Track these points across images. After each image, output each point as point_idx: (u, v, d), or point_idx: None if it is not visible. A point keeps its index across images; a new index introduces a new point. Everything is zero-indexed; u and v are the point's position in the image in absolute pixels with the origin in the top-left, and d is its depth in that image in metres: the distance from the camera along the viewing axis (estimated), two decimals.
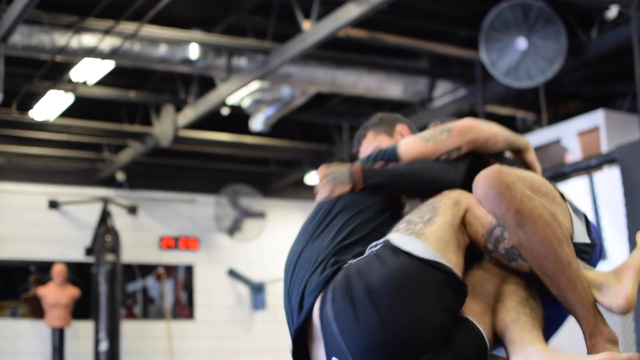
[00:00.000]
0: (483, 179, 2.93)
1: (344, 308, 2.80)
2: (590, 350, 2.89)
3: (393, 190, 3.28)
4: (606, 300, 2.95)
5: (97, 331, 13.31)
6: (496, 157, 3.43)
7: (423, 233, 2.91)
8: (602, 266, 8.62)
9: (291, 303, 3.11)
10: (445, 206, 3.02)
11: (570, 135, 10.69)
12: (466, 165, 3.32)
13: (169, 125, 12.26)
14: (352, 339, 2.78)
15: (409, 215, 3.07)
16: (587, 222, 3.28)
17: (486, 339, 2.91)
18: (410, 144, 3.32)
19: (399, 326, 2.76)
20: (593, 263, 3.22)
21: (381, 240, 2.96)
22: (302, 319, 2.96)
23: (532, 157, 3.55)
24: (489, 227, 3.00)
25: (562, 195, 3.24)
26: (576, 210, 3.22)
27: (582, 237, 3.14)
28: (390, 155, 3.31)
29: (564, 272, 2.85)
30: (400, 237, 2.92)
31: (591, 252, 3.16)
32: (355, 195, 3.25)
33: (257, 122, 12.18)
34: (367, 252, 2.97)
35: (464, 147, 3.30)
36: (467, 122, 3.34)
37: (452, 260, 2.90)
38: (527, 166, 3.51)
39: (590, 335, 2.90)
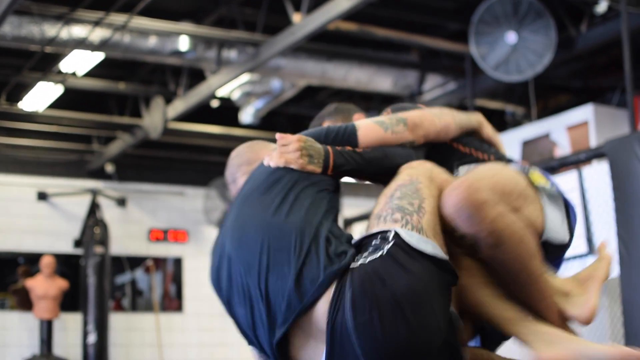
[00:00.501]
0: (453, 199, 2.83)
1: (371, 321, 2.67)
2: None
3: (360, 176, 3.24)
4: (570, 310, 3.00)
5: (85, 323, 13.30)
6: (457, 140, 3.39)
7: (422, 227, 2.82)
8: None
9: (267, 284, 2.87)
10: (426, 188, 2.92)
11: (559, 129, 10.70)
12: (425, 150, 3.31)
13: (158, 117, 12.24)
14: (372, 351, 2.68)
15: (395, 199, 2.92)
16: (566, 205, 3.24)
17: (461, 321, 2.92)
18: (369, 130, 3.19)
19: (423, 337, 2.70)
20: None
21: (388, 234, 2.83)
22: (299, 312, 2.79)
23: (489, 132, 3.48)
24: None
25: (536, 183, 3.16)
26: (552, 196, 3.15)
27: (555, 232, 3.10)
28: (349, 139, 3.18)
29: (535, 284, 2.85)
30: (407, 233, 2.81)
31: (564, 251, 3.18)
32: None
33: (246, 115, 12.17)
34: (374, 248, 2.82)
35: (417, 140, 3.23)
36: (417, 117, 3.25)
37: (445, 251, 2.86)
38: (487, 142, 3.47)
39: None
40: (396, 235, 2.79)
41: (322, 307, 2.76)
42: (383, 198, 2.96)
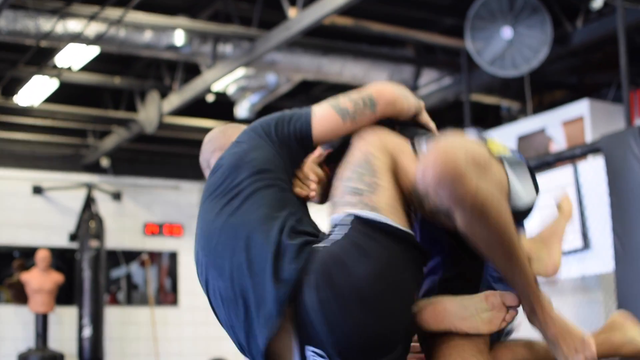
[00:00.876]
0: (432, 165, 2.58)
1: (330, 300, 2.61)
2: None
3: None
4: (536, 268, 3.01)
5: (80, 317, 13.31)
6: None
7: (376, 205, 2.71)
8: (586, 255, 8.65)
9: (242, 289, 2.77)
10: (381, 162, 2.79)
11: (555, 124, 10.71)
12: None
13: (153, 111, 12.24)
14: (336, 331, 2.62)
15: (345, 180, 2.80)
16: (530, 170, 3.14)
17: None
18: (325, 121, 3.03)
19: (389, 320, 2.66)
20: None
21: (345, 218, 2.74)
22: (278, 311, 2.68)
23: (426, 117, 3.25)
24: (414, 183, 2.74)
25: (496, 152, 3.03)
26: (513, 164, 3.03)
27: (520, 198, 2.96)
28: (302, 134, 3.01)
29: (514, 255, 2.73)
30: (363, 213, 2.71)
31: (528, 214, 3.06)
32: (261, 160, 2.94)
33: (242, 109, 12.17)
34: (333, 231, 2.75)
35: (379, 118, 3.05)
36: (390, 97, 3.06)
37: (407, 227, 2.78)
38: (423, 127, 3.25)
39: (531, 311, 2.81)
40: (353, 217, 2.72)
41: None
42: (338, 182, 2.85)
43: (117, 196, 15.14)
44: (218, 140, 3.47)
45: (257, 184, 2.87)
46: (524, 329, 3.00)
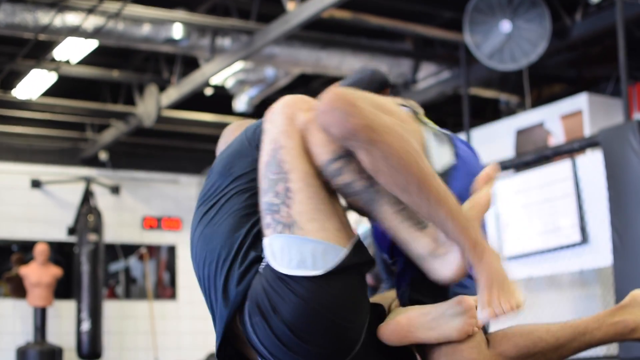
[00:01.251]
0: (324, 103, 2.54)
1: (262, 327, 2.59)
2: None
3: None
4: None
5: (79, 311, 13.30)
6: None
7: (294, 220, 2.58)
8: (584, 250, 8.65)
9: (210, 300, 2.81)
10: (290, 153, 2.65)
11: (553, 118, 10.71)
12: None
13: (152, 105, 12.23)
14: (274, 354, 2.60)
15: (263, 195, 2.68)
16: (452, 142, 2.98)
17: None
18: None
19: (326, 345, 2.57)
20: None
21: (264, 255, 2.64)
22: (225, 324, 2.71)
23: None
24: (326, 160, 2.65)
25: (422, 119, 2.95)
26: (437, 134, 2.93)
27: (439, 160, 2.86)
28: None
29: (430, 185, 2.56)
30: (277, 246, 2.58)
31: (448, 176, 2.87)
32: (241, 166, 2.87)
33: (240, 103, 12.16)
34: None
35: None
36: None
37: (338, 229, 2.62)
38: None
39: (473, 246, 2.60)
40: (266, 265, 2.63)
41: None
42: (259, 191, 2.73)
43: (115, 190, 15.13)
44: (226, 137, 3.44)
45: (232, 192, 2.82)
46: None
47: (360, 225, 3.62)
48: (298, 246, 2.56)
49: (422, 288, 2.82)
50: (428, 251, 2.65)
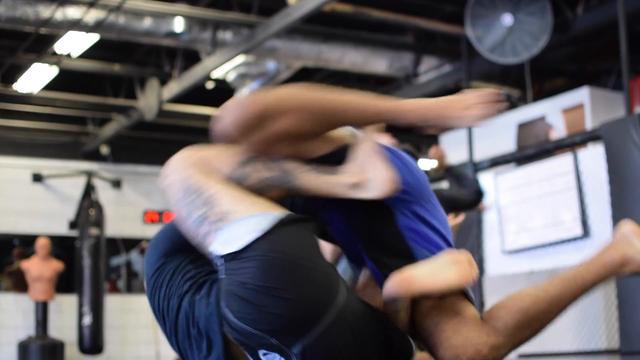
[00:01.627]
0: (222, 118, 2.77)
1: (242, 306, 2.61)
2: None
3: None
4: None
5: (80, 305, 13.30)
6: None
7: (224, 211, 2.67)
8: (585, 244, 8.64)
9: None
10: (196, 176, 2.81)
11: (555, 112, 10.71)
12: None
13: (153, 98, 12.22)
14: (265, 326, 2.63)
15: (188, 222, 2.78)
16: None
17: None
18: None
19: (302, 290, 2.61)
20: None
21: (214, 259, 2.72)
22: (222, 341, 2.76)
23: None
24: (230, 170, 2.79)
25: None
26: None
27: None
28: None
29: (345, 103, 2.77)
30: (222, 239, 2.66)
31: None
32: None
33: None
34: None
35: None
36: None
37: (268, 204, 2.73)
38: None
39: (387, 108, 2.77)
40: (217, 256, 2.68)
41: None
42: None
43: (117, 184, 15.13)
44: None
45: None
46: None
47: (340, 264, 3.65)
48: (239, 227, 2.63)
49: (386, 258, 2.85)
50: (352, 184, 2.76)
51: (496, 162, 9.93)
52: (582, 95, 10.54)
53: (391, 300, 2.76)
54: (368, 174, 2.74)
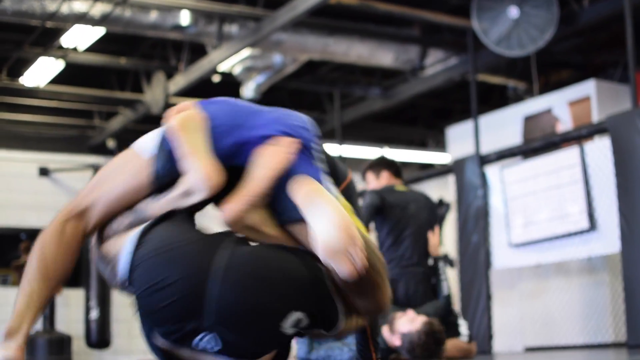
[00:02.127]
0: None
1: (146, 312, 2.93)
2: None
3: None
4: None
5: (87, 299, 13.32)
6: None
7: (114, 256, 3.21)
8: (592, 237, 8.63)
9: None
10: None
11: (561, 104, 10.69)
12: None
13: (159, 92, 12.23)
14: (167, 318, 2.82)
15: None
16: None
17: None
18: None
19: (177, 274, 2.78)
20: None
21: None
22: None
23: None
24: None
25: None
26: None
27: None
28: None
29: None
30: (120, 279, 3.07)
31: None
32: None
33: (248, 90, 12.15)
34: None
35: None
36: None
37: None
38: None
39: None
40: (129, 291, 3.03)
41: None
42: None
43: None
44: None
45: None
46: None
47: None
48: (120, 260, 3.07)
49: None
50: (182, 194, 3.03)
51: (502, 155, 9.92)
52: (588, 87, 10.52)
53: (234, 223, 2.94)
54: (189, 178, 2.95)
